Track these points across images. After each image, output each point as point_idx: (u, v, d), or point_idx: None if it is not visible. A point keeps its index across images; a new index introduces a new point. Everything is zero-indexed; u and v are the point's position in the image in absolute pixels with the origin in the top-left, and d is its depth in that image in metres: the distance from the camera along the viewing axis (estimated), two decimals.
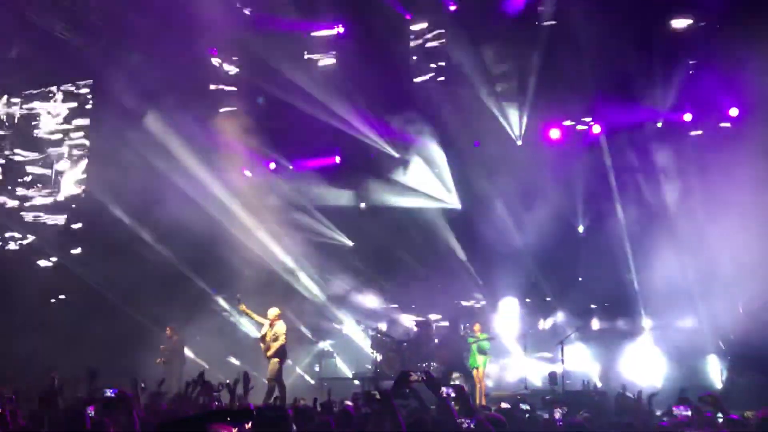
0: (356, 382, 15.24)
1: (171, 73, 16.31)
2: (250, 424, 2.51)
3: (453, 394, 6.26)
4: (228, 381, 8.74)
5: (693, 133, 15.13)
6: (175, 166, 16.29)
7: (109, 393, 6.40)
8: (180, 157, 16.32)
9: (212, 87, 18.09)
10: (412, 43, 17.28)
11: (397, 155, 17.21)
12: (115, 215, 16.64)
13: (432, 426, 6.16)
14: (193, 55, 17.49)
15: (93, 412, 6.42)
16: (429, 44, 17.08)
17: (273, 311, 12.57)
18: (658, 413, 7.78)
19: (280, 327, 12.41)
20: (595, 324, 15.86)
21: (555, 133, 16.14)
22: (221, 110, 17.97)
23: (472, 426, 5.40)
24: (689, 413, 6.62)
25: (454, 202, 16.76)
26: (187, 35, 16.62)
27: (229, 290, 16.37)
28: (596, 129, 15.77)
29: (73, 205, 18.76)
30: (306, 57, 17.78)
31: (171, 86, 16.29)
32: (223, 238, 16.46)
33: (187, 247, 16.38)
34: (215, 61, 18.18)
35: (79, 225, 18.57)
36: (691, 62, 14.91)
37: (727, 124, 14.73)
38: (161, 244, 16.52)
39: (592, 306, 15.71)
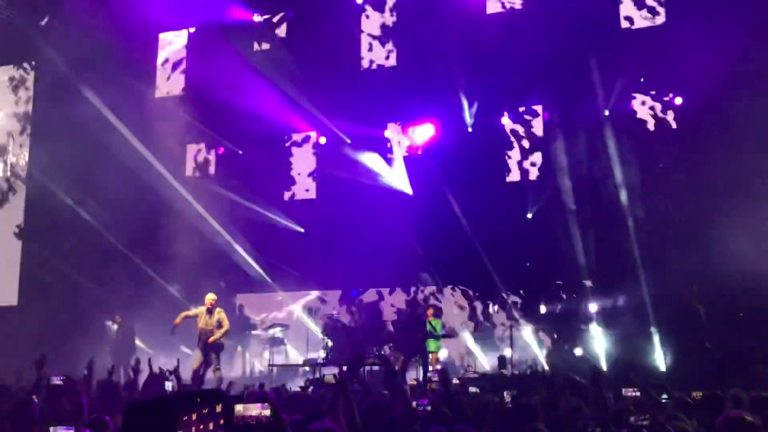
0: (306, 368, 15.21)
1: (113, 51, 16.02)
2: (220, 406, 2.43)
3: (436, 378, 6.30)
4: (172, 368, 8.66)
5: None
6: (117, 144, 16.08)
7: (56, 380, 6.25)
8: (123, 135, 16.09)
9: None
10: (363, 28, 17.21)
11: (348, 141, 17.14)
12: (57, 195, 16.31)
13: (385, 409, 6.17)
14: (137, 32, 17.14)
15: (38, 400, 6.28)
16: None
17: (211, 296, 12.56)
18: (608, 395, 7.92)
19: (222, 313, 12.45)
20: (543, 308, 16.02)
21: (505, 120, 16.33)
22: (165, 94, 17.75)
23: (428, 408, 5.42)
24: (638, 394, 6.74)
25: (406, 188, 16.74)
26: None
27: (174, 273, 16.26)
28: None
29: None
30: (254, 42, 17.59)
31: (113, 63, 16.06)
32: (165, 218, 16.38)
33: (129, 227, 16.26)
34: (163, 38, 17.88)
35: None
36: None
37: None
38: (102, 225, 16.30)
39: (540, 290, 15.86)
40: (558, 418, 5.61)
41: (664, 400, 6.79)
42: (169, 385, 8.08)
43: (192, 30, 17.97)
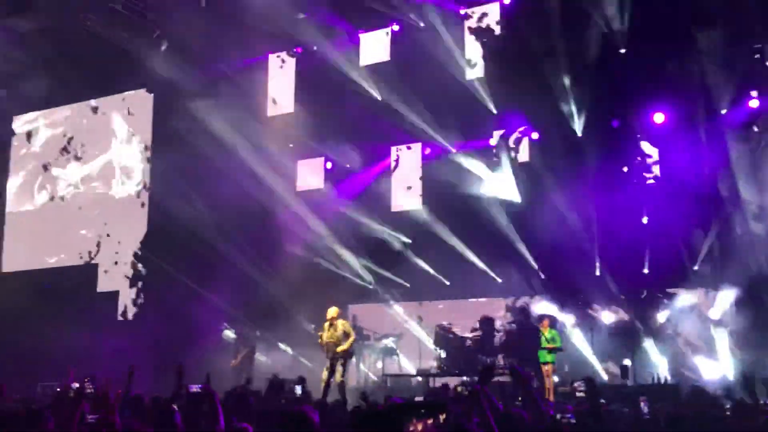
0: (419, 378, 15.24)
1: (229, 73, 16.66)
2: (443, 416, 2.48)
3: (583, 388, 6.17)
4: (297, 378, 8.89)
5: None
6: (232, 161, 16.70)
7: (194, 389, 6.49)
8: (238, 153, 16.64)
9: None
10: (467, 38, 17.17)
11: (453, 150, 17.12)
12: (179, 213, 17.07)
13: (520, 421, 6.09)
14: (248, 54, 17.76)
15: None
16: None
17: (333, 310, 12.82)
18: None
19: (347, 324, 12.72)
20: (661, 317, 15.46)
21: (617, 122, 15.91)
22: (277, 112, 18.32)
23: (572, 421, 5.31)
24: None
25: (514, 195, 16.55)
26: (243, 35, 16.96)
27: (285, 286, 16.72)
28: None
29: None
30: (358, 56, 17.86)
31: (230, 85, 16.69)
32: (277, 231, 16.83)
33: (243, 241, 16.84)
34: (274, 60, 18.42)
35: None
36: None
37: None
38: (218, 238, 16.93)
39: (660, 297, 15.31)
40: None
41: None
42: (298, 390, 8.29)
43: (299, 50, 18.39)
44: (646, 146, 15.52)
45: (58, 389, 8.18)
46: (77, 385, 7.14)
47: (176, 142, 17.61)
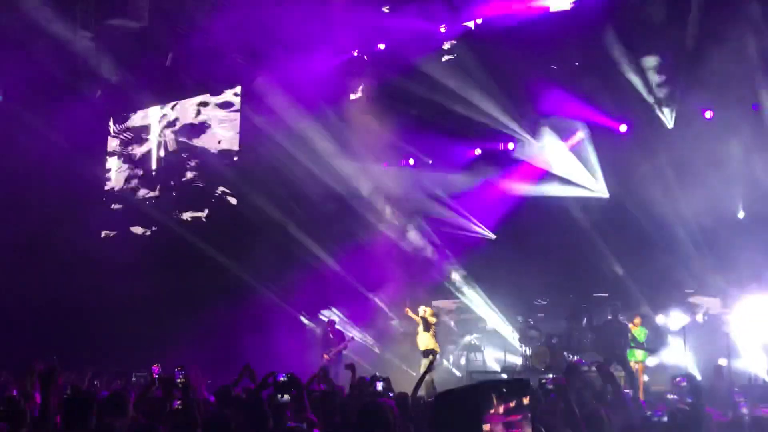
0: (504, 375, 15.09)
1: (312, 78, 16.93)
2: (527, 398, 2.45)
3: (684, 383, 6.01)
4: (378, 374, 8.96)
5: None
6: (318, 161, 16.98)
7: (281, 377, 6.63)
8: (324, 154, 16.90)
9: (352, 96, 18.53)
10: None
11: (538, 143, 16.86)
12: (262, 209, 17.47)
13: (605, 419, 5.96)
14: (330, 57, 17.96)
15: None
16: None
17: (424, 309, 12.98)
18: None
19: (430, 316, 12.85)
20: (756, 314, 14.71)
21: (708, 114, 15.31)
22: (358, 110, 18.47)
23: (663, 419, 5.16)
24: None
25: (602, 191, 16.15)
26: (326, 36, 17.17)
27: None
28: None
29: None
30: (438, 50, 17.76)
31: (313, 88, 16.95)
32: (366, 232, 17.04)
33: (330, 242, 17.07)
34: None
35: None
36: None
37: None
38: (308, 240, 17.21)
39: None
40: None
41: None
42: (380, 386, 8.38)
43: (383, 46, 18.40)
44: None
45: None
46: (157, 374, 7.41)
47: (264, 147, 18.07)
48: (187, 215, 20.73)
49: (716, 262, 14.51)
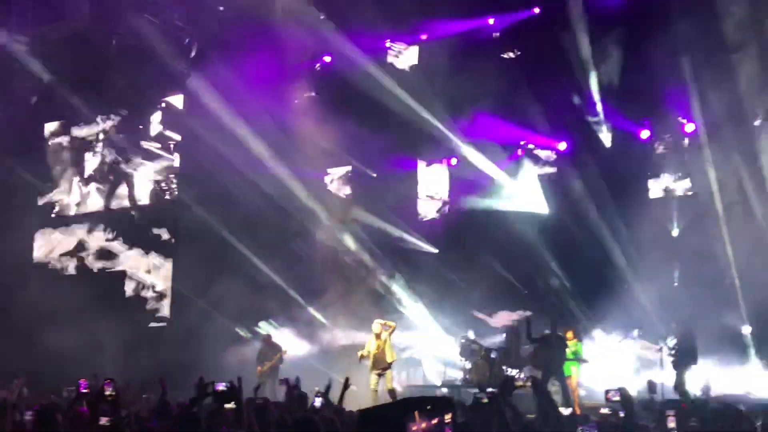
0: (444, 390, 15.14)
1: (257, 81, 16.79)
2: (450, 415, 2.44)
3: (617, 398, 6.08)
4: (318, 389, 8.89)
5: None
6: (260, 169, 16.79)
7: (220, 387, 6.50)
8: (267, 162, 16.76)
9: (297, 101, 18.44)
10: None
11: (479, 158, 17.07)
12: (202, 217, 17.21)
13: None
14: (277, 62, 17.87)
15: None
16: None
17: (380, 324, 13.04)
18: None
19: (387, 334, 12.79)
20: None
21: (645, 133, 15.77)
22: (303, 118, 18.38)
23: None
24: None
25: (542, 207, 16.43)
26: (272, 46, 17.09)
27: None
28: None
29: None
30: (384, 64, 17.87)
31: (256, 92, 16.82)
32: (304, 239, 16.92)
33: (268, 246, 16.90)
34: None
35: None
36: None
37: None
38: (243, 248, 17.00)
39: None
40: None
41: None
42: (318, 401, 8.30)
43: (328, 59, 18.42)
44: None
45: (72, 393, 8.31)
46: (84, 389, 7.21)
47: (207, 152, 17.79)
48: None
49: (649, 278, 14.90)
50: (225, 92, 17.17)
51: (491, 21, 16.84)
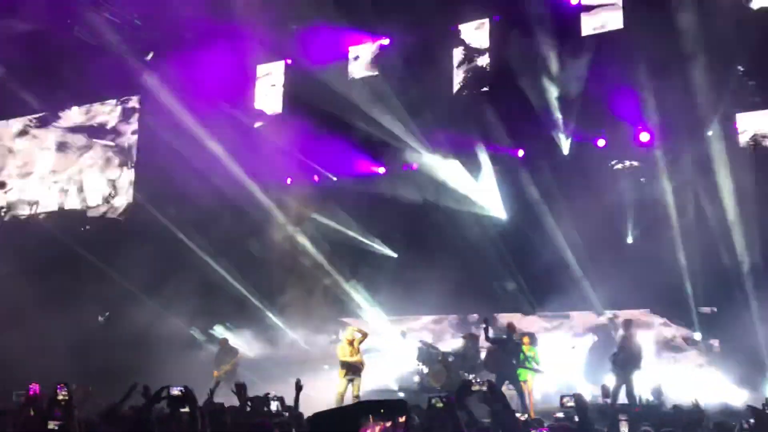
0: (401, 394, 15.15)
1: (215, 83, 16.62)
2: (404, 418, 2.42)
3: (571, 403, 6.13)
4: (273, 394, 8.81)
5: None
6: (217, 171, 16.63)
7: (175, 391, 6.39)
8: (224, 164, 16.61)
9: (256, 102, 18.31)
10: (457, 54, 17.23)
11: (439, 163, 17.17)
12: (159, 219, 16.93)
13: None
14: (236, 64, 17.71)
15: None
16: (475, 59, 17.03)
17: (353, 330, 13.43)
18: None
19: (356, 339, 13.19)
20: (644, 337, 15.43)
21: (601, 142, 16.02)
22: (263, 122, 18.24)
23: None
24: None
25: (500, 212, 16.59)
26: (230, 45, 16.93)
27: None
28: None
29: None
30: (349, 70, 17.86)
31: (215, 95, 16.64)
32: (261, 240, 16.78)
33: (226, 250, 16.70)
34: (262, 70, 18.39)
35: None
36: None
37: None
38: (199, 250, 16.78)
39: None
40: None
41: None
42: (274, 406, 8.22)
43: (289, 61, 18.36)
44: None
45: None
46: (35, 393, 7.02)
47: (163, 154, 17.51)
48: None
49: (603, 283, 15.14)
50: (182, 92, 16.95)
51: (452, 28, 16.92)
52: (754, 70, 14.57)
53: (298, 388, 8.52)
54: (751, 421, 6.57)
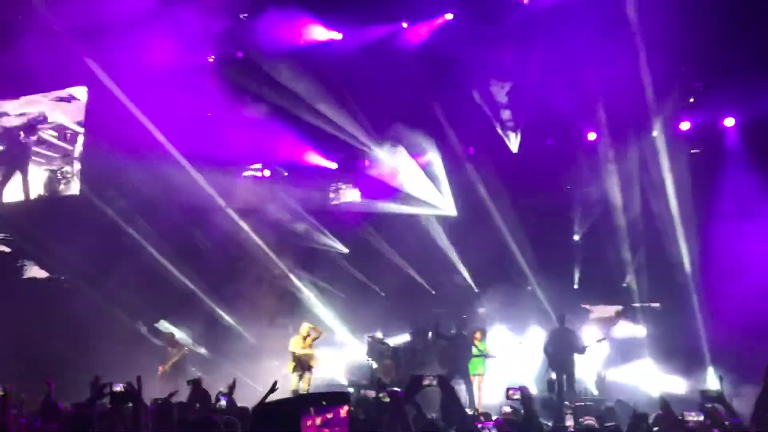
0: (351, 389, 15.15)
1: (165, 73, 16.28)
2: (345, 409, 2.43)
3: (517, 396, 6.22)
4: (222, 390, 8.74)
5: None
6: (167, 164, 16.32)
7: (117, 388, 6.29)
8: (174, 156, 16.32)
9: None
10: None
11: (391, 161, 17.20)
12: (107, 212, 16.52)
13: (443, 430, 6.11)
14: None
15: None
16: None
17: (308, 326, 13.66)
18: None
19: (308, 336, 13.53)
20: (594, 331, 15.72)
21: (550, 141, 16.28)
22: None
23: (493, 430, 5.34)
24: (702, 418, 6.57)
25: (450, 209, 16.72)
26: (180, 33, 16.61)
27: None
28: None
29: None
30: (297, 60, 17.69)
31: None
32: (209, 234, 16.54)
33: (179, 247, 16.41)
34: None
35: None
36: None
37: None
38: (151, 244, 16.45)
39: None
40: None
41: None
42: (223, 402, 8.16)
43: (240, 53, 18.06)
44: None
45: None
46: None
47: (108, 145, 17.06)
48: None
49: (554, 280, 15.41)
50: (129, 84, 16.58)
51: (405, 25, 16.90)
52: (700, 72, 14.93)
53: (231, 387, 8.51)
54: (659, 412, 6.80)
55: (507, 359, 14.65)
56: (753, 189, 13.42)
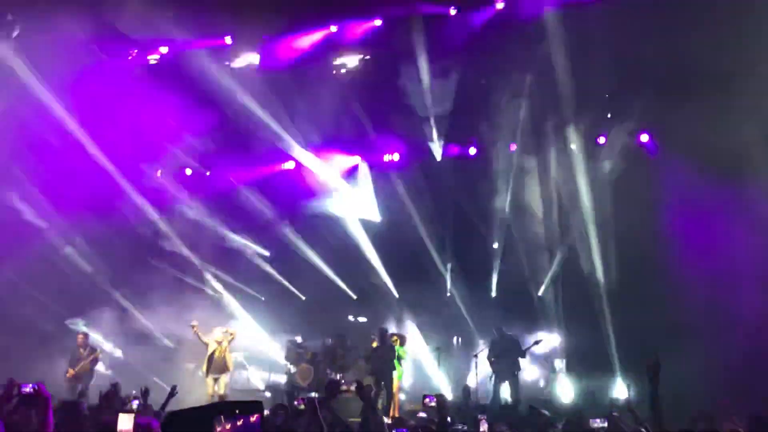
0: (268, 394, 15.01)
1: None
2: (256, 417, 2.42)
3: (433, 403, 6.29)
4: (135, 393, 8.56)
5: None
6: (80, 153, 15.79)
7: (26, 389, 6.05)
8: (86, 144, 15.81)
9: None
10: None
11: (318, 166, 17.18)
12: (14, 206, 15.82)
13: None
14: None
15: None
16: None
17: (223, 330, 13.51)
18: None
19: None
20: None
21: (472, 150, 16.59)
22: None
23: None
24: (606, 425, 6.81)
25: (374, 215, 16.82)
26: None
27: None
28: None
29: None
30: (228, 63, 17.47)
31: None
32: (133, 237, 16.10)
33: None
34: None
35: None
36: None
37: None
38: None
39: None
40: None
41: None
42: (135, 404, 8.01)
43: (164, 50, 17.69)
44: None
45: None
46: None
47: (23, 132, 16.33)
48: None
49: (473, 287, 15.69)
50: (48, 72, 15.94)
51: (333, 28, 16.90)
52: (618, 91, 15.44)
53: (172, 394, 8.38)
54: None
55: (424, 365, 14.81)
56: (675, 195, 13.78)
